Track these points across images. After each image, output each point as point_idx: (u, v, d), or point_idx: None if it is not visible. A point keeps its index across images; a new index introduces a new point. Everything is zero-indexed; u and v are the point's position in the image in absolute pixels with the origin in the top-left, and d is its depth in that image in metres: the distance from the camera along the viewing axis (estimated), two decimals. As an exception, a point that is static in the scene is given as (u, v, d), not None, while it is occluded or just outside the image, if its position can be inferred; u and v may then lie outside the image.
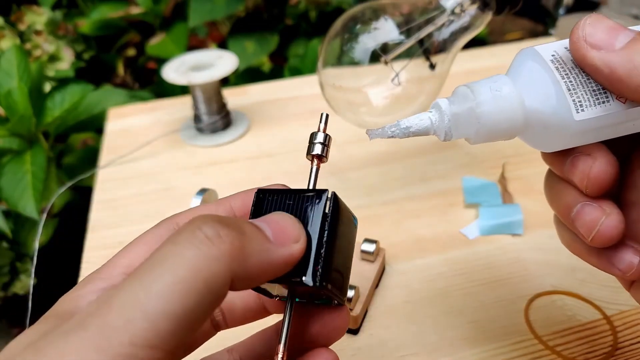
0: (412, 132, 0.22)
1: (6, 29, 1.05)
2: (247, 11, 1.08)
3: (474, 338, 0.33)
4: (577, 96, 0.21)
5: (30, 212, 0.64)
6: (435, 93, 0.41)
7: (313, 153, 0.23)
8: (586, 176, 0.22)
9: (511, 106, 0.22)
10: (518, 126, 0.22)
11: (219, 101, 0.57)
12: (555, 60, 0.21)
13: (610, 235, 0.22)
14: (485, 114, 0.22)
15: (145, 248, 0.21)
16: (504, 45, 0.74)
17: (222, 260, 0.17)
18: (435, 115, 0.22)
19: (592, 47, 0.20)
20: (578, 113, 0.20)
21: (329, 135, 0.23)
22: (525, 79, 0.22)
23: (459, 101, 0.22)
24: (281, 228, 0.19)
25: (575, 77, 0.21)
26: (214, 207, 0.23)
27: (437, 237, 0.42)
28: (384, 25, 0.39)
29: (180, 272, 0.16)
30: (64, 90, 0.76)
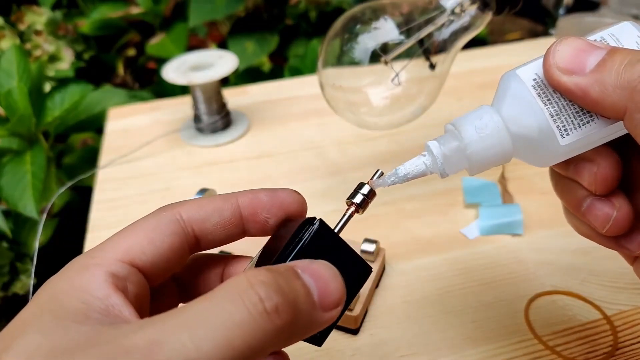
0: (410, 178, 0.24)
1: (6, 29, 1.05)
2: (247, 11, 1.08)
3: (474, 338, 0.33)
4: (561, 122, 0.21)
5: (30, 212, 0.64)
6: (435, 93, 0.41)
7: (353, 200, 0.24)
8: (593, 181, 0.22)
9: (498, 142, 0.22)
10: (508, 154, 0.23)
11: (219, 101, 0.57)
12: (537, 85, 0.21)
13: (624, 226, 0.22)
14: (474, 154, 0.22)
15: (144, 235, 0.21)
16: (504, 45, 0.74)
17: (272, 336, 0.16)
18: (428, 159, 0.23)
19: (564, 72, 0.20)
20: (563, 138, 0.21)
21: (374, 191, 0.24)
22: (509, 108, 0.22)
23: (448, 142, 0.23)
24: (327, 290, 0.18)
25: (558, 102, 0.21)
26: (221, 202, 0.22)
27: (437, 237, 0.42)
28: (384, 25, 0.39)
29: (230, 336, 0.16)
30: (64, 90, 0.76)
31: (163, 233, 0.21)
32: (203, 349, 0.15)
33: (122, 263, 0.20)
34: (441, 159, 0.23)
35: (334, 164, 0.52)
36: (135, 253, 0.20)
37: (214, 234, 0.22)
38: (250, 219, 0.23)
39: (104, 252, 0.20)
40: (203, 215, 0.22)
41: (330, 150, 0.54)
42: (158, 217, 0.22)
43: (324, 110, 0.44)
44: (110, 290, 0.19)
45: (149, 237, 0.21)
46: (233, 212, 0.22)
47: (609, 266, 0.38)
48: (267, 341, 0.16)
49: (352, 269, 0.22)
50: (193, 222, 0.22)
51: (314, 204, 0.46)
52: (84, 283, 0.19)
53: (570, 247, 0.39)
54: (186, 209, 0.22)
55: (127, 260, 0.20)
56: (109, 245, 0.21)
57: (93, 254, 0.20)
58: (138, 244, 0.21)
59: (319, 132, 0.57)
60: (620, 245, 0.23)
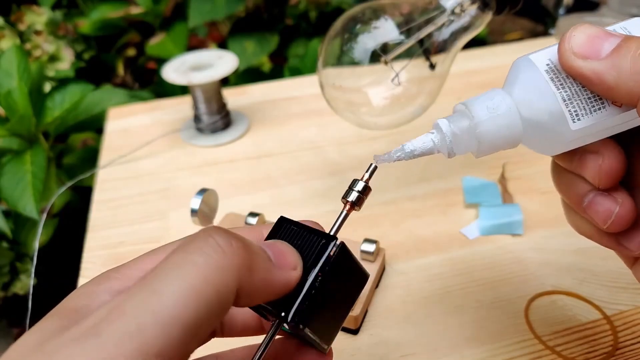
0: (417, 154, 0.23)
1: (6, 29, 1.05)
2: (247, 11, 1.08)
3: (474, 338, 0.33)
4: (572, 106, 0.21)
5: (30, 212, 0.64)
6: (435, 93, 0.41)
7: (348, 199, 0.23)
8: (597, 174, 0.22)
9: (509, 123, 0.22)
10: (517, 138, 0.22)
11: (219, 101, 0.57)
12: (550, 70, 0.21)
13: (626, 223, 0.22)
14: (484, 133, 0.22)
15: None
16: (504, 45, 0.74)
17: (232, 271, 0.17)
18: (437, 137, 0.23)
19: (579, 56, 0.20)
20: (574, 123, 0.21)
21: (369, 187, 0.24)
22: (521, 92, 0.22)
23: (458, 121, 0.23)
24: (281, 253, 0.20)
25: (570, 87, 0.21)
26: (247, 232, 0.22)
27: (437, 237, 0.42)
28: (384, 25, 0.39)
29: (192, 279, 0.16)
30: (64, 90, 0.76)
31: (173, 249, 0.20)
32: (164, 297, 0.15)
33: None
34: (450, 137, 0.22)
35: (333, 164, 0.52)
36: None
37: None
38: None
39: (126, 269, 0.19)
40: None
41: (330, 150, 0.54)
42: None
43: (324, 110, 0.44)
44: None
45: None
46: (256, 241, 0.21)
47: (609, 266, 0.38)
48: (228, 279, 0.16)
49: (319, 250, 0.21)
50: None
51: (314, 204, 0.46)
52: (98, 290, 0.18)
53: (570, 247, 0.39)
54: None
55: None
56: (134, 262, 0.19)
57: (118, 269, 0.19)
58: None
59: (319, 132, 0.57)
60: (620, 245, 0.23)
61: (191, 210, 0.37)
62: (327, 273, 0.21)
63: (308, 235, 0.21)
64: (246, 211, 0.42)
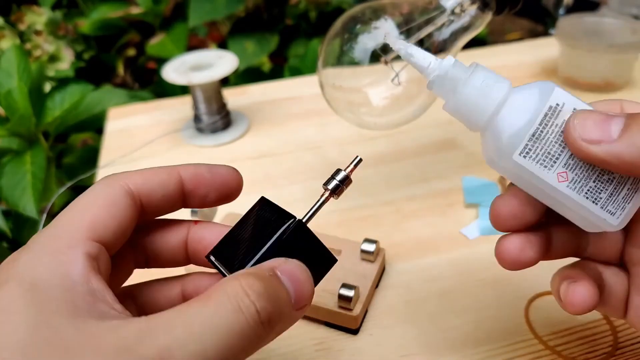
0: (411, 61, 0.24)
1: (6, 29, 1.05)
2: (247, 11, 1.08)
3: (474, 338, 0.33)
4: (530, 144, 0.22)
5: (30, 212, 0.64)
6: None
7: (328, 186, 0.25)
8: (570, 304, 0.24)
9: (484, 106, 0.23)
10: (478, 125, 0.23)
11: (219, 101, 0.57)
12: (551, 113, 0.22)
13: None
14: (462, 94, 0.23)
15: (105, 210, 0.21)
16: (504, 45, 0.74)
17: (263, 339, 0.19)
18: (435, 63, 0.24)
19: (592, 143, 0.21)
20: (520, 155, 0.22)
21: (350, 178, 0.25)
22: (518, 102, 0.23)
23: (459, 70, 0.23)
24: (302, 292, 0.21)
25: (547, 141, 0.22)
26: (166, 176, 0.23)
27: (437, 237, 0.42)
28: (384, 25, 0.39)
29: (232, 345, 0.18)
30: (64, 90, 0.76)
31: (121, 207, 0.22)
32: (209, 357, 0.17)
33: (92, 242, 0.20)
34: (440, 73, 0.23)
35: (334, 164, 0.52)
36: (100, 229, 0.21)
37: (158, 206, 0.23)
38: (191, 194, 0.24)
39: (71, 231, 0.20)
40: (149, 189, 0.23)
41: (330, 150, 0.54)
42: (111, 188, 0.22)
43: (324, 110, 0.44)
44: (91, 274, 0.19)
45: (110, 212, 0.21)
46: (176, 186, 0.24)
47: (609, 266, 0.38)
48: (258, 344, 0.19)
49: (320, 259, 0.24)
50: (141, 195, 0.23)
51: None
52: (65, 269, 0.19)
53: (570, 247, 0.39)
54: (134, 181, 0.23)
55: (95, 238, 0.20)
56: (73, 222, 0.21)
57: (59, 232, 0.20)
58: (101, 220, 0.21)
59: (319, 132, 0.57)
60: None
61: (191, 211, 0.37)
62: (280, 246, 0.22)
63: (278, 218, 0.23)
64: (246, 211, 0.42)
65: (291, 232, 0.23)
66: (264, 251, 0.22)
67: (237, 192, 0.25)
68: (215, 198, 0.25)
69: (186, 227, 0.25)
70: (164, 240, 0.25)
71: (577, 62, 0.60)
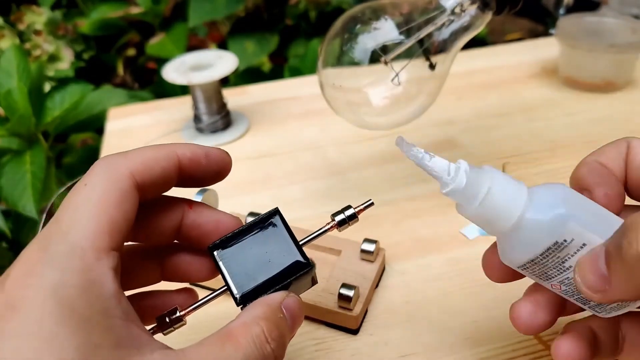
0: (426, 170, 0.25)
1: (6, 28, 1.05)
2: (247, 11, 1.08)
3: (474, 338, 0.33)
4: (529, 265, 0.23)
5: (30, 212, 0.64)
6: (435, 93, 0.41)
7: (334, 218, 0.26)
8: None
9: (498, 223, 0.23)
10: (492, 232, 0.24)
11: (219, 101, 0.57)
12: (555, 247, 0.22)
13: None
14: (478, 210, 0.23)
15: (118, 213, 0.21)
16: (504, 45, 0.74)
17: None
18: (451, 176, 0.24)
19: (596, 292, 0.21)
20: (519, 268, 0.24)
21: (357, 217, 0.26)
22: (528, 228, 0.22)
23: (475, 187, 0.23)
24: (296, 323, 0.24)
25: (545, 266, 0.23)
26: (165, 163, 0.23)
27: (437, 237, 0.42)
28: (384, 25, 0.39)
29: None
30: (63, 90, 0.76)
31: (130, 202, 0.21)
32: None
33: (114, 252, 0.20)
34: (455, 187, 0.24)
35: (334, 164, 0.52)
36: (116, 235, 0.20)
37: (154, 191, 0.24)
38: (186, 178, 0.25)
39: (94, 240, 0.20)
40: (150, 177, 0.23)
41: (330, 150, 0.54)
42: (121, 182, 0.21)
43: (324, 110, 0.44)
44: (119, 292, 0.19)
45: (122, 209, 0.21)
46: (175, 172, 0.24)
47: (609, 266, 0.38)
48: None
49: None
50: (143, 183, 0.23)
51: (314, 204, 0.46)
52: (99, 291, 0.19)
53: (570, 247, 0.39)
54: (137, 170, 0.22)
55: (114, 246, 0.20)
56: (92, 226, 0.20)
57: (81, 241, 0.19)
58: (116, 222, 0.21)
59: (319, 132, 0.57)
60: None
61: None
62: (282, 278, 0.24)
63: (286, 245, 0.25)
64: (246, 211, 0.42)
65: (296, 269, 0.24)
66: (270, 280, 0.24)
67: (226, 174, 0.26)
68: (207, 181, 0.26)
69: (181, 210, 0.26)
70: (159, 220, 0.25)
71: (577, 62, 0.60)
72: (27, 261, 0.19)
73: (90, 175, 0.22)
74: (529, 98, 0.60)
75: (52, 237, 0.19)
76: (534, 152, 0.51)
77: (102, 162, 0.22)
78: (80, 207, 0.20)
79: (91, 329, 0.17)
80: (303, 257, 0.25)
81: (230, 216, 0.26)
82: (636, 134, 0.53)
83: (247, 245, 0.25)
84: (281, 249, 0.25)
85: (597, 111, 0.57)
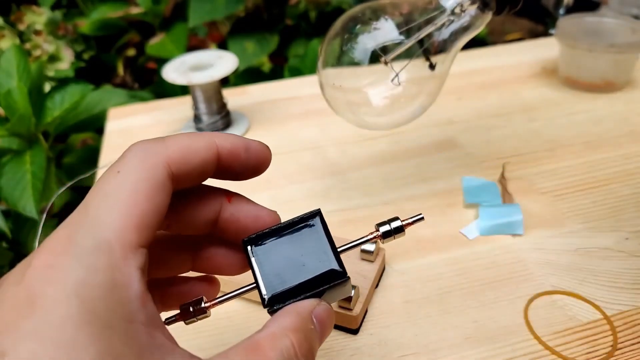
0: None
1: (6, 29, 1.05)
2: (247, 11, 1.08)
3: (474, 338, 0.33)
4: None
5: (30, 212, 0.64)
6: (435, 93, 0.41)
7: (379, 228, 0.25)
8: None
9: None
10: None
11: (219, 101, 0.57)
12: None
13: None
14: None
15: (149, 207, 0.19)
16: (504, 45, 0.74)
17: None
18: None
19: None
20: None
21: (404, 232, 0.25)
22: None
23: None
24: (326, 332, 0.23)
25: None
26: (205, 153, 0.22)
27: (437, 237, 0.42)
28: (384, 25, 0.39)
29: None
30: (63, 90, 0.76)
31: (163, 194, 0.20)
32: None
33: (142, 249, 0.19)
34: None
35: (334, 164, 0.52)
36: (145, 230, 0.19)
37: (189, 182, 0.22)
38: (224, 171, 0.24)
39: (122, 235, 0.18)
40: (187, 168, 0.22)
41: (330, 150, 0.54)
42: (155, 170, 0.20)
43: (324, 110, 0.44)
44: (145, 295, 0.18)
45: (154, 202, 0.19)
46: (213, 164, 0.23)
47: (609, 266, 0.38)
48: None
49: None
50: (180, 174, 0.21)
51: (314, 204, 0.46)
52: (124, 294, 0.18)
53: (570, 247, 0.39)
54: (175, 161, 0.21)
55: (143, 242, 0.19)
56: (121, 218, 0.19)
57: (108, 235, 0.18)
58: (147, 216, 0.19)
59: (319, 132, 0.57)
60: None
61: None
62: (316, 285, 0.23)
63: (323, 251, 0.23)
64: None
65: (331, 277, 0.23)
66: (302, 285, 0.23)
67: (265, 169, 0.25)
68: (244, 175, 0.24)
69: (219, 202, 0.24)
70: (195, 211, 0.24)
71: (577, 62, 0.60)
72: (52, 251, 0.18)
73: (124, 161, 0.20)
74: (529, 98, 0.60)
75: (79, 227, 0.18)
76: (534, 152, 0.51)
77: (137, 148, 0.21)
78: (110, 197, 0.19)
79: (112, 336, 0.16)
80: (340, 265, 0.23)
81: (270, 211, 0.25)
82: (636, 134, 0.54)
83: (283, 244, 0.24)
84: (317, 254, 0.23)
85: (597, 111, 0.57)
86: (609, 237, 0.40)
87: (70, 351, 0.15)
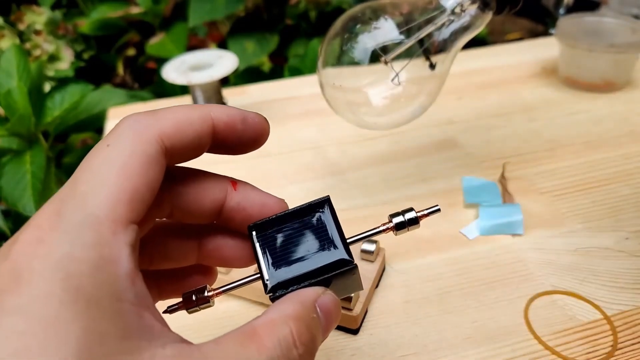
0: None
1: (6, 28, 1.05)
2: (247, 11, 1.08)
3: (474, 338, 0.33)
4: None
5: (30, 212, 0.64)
6: (435, 93, 0.41)
7: (392, 219, 0.24)
8: None
9: None
10: None
11: (219, 101, 0.57)
12: None
13: None
14: None
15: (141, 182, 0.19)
16: (504, 45, 0.74)
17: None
18: None
19: None
20: None
21: (419, 224, 0.24)
22: None
23: None
24: (331, 325, 0.22)
25: None
26: (199, 126, 0.21)
27: (437, 237, 0.42)
28: (384, 25, 0.39)
29: None
30: (63, 90, 0.76)
31: (156, 170, 0.19)
32: None
33: (133, 225, 0.18)
34: None
35: (334, 164, 0.52)
36: (137, 206, 0.18)
37: (183, 157, 0.22)
38: (219, 143, 0.23)
39: (112, 210, 0.18)
40: (181, 142, 0.21)
41: (330, 150, 0.54)
42: (147, 144, 0.19)
43: (324, 110, 0.44)
44: (135, 273, 0.17)
45: (147, 177, 0.19)
46: (208, 137, 0.22)
47: (609, 266, 0.38)
48: None
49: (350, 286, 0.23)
50: (173, 148, 0.20)
51: (314, 204, 0.46)
52: (112, 270, 0.17)
53: (570, 247, 0.39)
54: (168, 134, 0.20)
55: (133, 218, 0.18)
56: (112, 193, 0.18)
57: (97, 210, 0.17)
58: (139, 191, 0.18)
59: (319, 132, 0.57)
60: None
61: None
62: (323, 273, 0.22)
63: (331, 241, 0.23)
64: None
65: (338, 266, 0.22)
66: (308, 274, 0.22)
67: (263, 143, 0.24)
68: (241, 149, 0.24)
69: (224, 188, 0.23)
70: (198, 197, 0.23)
71: (577, 62, 0.60)
72: (40, 226, 0.17)
73: (115, 134, 0.20)
74: (529, 98, 0.60)
75: (68, 202, 0.18)
76: (534, 152, 0.51)
77: (129, 121, 0.20)
78: (100, 171, 0.18)
79: (97, 314, 0.16)
80: (348, 254, 0.22)
81: (277, 199, 0.24)
82: (636, 134, 0.54)
83: (290, 231, 0.23)
84: (325, 242, 0.22)
85: (597, 111, 0.57)
86: (609, 237, 0.40)
87: (54, 327, 0.15)
